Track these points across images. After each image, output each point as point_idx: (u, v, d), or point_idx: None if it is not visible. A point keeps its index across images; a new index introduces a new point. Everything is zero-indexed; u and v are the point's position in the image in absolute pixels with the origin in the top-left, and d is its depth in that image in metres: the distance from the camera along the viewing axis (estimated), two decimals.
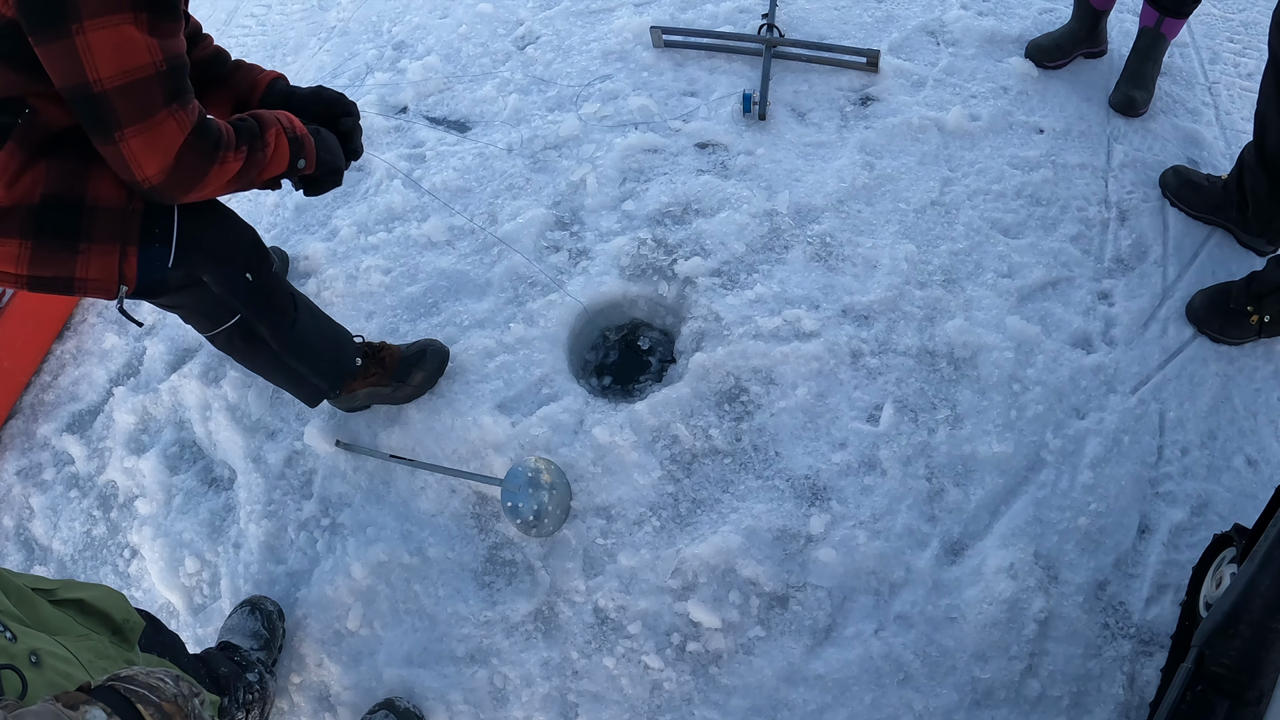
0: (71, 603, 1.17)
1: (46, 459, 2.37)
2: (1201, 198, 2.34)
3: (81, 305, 2.64)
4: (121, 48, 1.28)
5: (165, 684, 0.87)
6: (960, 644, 1.81)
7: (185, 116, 1.38)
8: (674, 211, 2.44)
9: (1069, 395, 2.09)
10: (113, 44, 1.27)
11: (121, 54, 1.28)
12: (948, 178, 2.46)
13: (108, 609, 1.20)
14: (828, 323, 2.20)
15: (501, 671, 1.87)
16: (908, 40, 2.80)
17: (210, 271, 1.66)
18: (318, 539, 2.07)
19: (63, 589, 1.18)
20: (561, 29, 2.97)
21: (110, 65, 1.28)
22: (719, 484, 2.02)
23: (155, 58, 1.32)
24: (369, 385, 2.09)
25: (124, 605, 1.24)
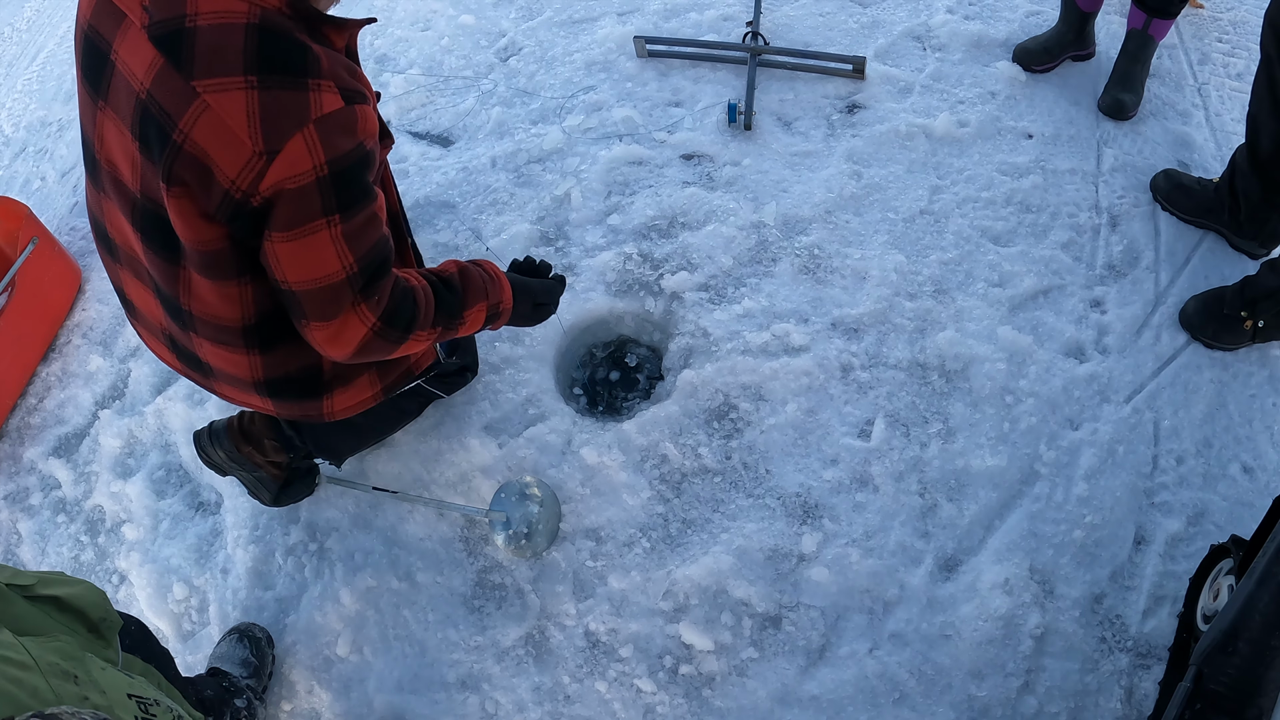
0: (48, 599, 1.15)
1: (33, 483, 2.35)
2: (1193, 201, 2.32)
3: (66, 327, 2.61)
4: (309, 258, 1.27)
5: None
6: (956, 662, 1.80)
7: (369, 312, 1.36)
8: (660, 225, 2.42)
9: (1062, 406, 2.07)
10: (300, 255, 1.26)
11: (309, 264, 1.28)
12: (936, 186, 2.44)
13: (84, 606, 1.19)
14: (817, 336, 2.18)
15: (493, 697, 1.85)
16: (894, 46, 2.78)
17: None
18: (306, 565, 2.05)
19: (40, 584, 1.16)
20: (544, 40, 2.94)
21: (297, 273, 1.28)
22: (709, 503, 2.00)
23: (346, 262, 1.29)
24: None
25: (103, 603, 1.22)
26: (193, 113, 1.17)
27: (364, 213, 1.30)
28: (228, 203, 1.22)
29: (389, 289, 1.38)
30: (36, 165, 3.09)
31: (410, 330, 1.44)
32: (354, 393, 1.67)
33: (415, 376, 1.80)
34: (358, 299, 1.33)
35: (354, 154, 1.24)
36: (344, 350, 1.39)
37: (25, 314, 2.45)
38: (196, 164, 1.20)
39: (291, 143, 1.17)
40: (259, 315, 1.44)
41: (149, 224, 1.35)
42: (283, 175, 1.18)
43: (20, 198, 2.83)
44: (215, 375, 1.59)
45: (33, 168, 3.09)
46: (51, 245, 2.58)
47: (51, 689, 0.89)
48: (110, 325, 2.58)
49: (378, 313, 1.37)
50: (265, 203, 1.21)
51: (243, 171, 1.18)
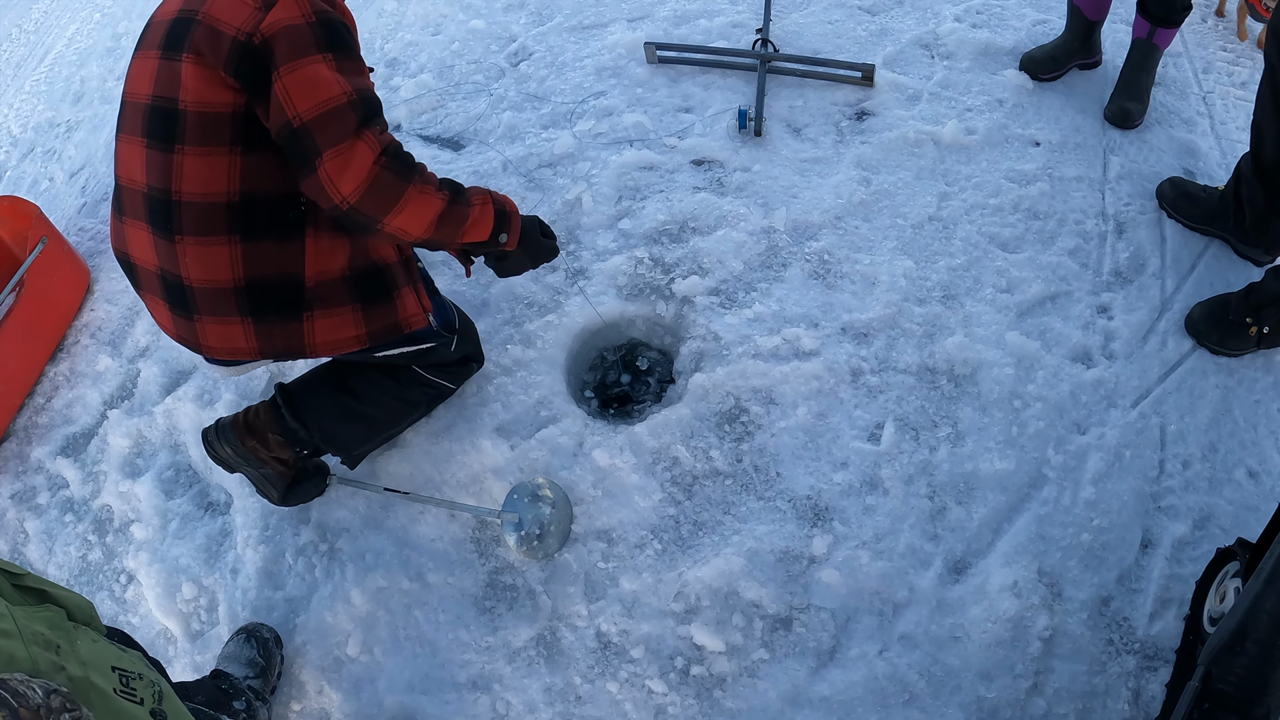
0: (34, 590, 1.15)
1: (41, 483, 2.35)
2: (1198, 209, 2.34)
3: (74, 326, 2.62)
4: (312, 84, 1.47)
5: (34, 694, 0.85)
6: (965, 663, 1.80)
7: (375, 138, 1.51)
8: (671, 230, 2.43)
9: (1070, 410, 2.08)
10: (304, 82, 1.46)
11: (314, 88, 1.47)
12: (945, 192, 2.46)
13: (69, 607, 1.18)
14: (827, 341, 2.19)
15: (504, 698, 1.85)
16: (902, 54, 2.80)
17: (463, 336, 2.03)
18: (316, 565, 2.05)
19: (30, 578, 1.16)
20: (555, 45, 2.96)
21: (305, 99, 1.46)
22: (720, 506, 2.01)
23: (344, 89, 1.49)
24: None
25: (88, 610, 1.22)
26: (210, 2, 1.51)
27: (352, 61, 1.53)
28: (234, 49, 1.47)
29: (389, 132, 1.56)
30: (45, 166, 3.10)
31: (414, 172, 1.56)
32: (337, 324, 1.69)
33: (404, 337, 1.81)
34: (362, 127, 1.49)
35: (334, 16, 1.53)
36: (355, 180, 1.48)
37: (34, 313, 2.46)
38: (210, 31, 1.49)
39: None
40: (244, 193, 1.56)
41: (155, 121, 1.56)
42: (277, 17, 1.47)
43: (29, 198, 2.84)
44: (198, 305, 1.62)
45: (41, 168, 3.10)
46: (60, 245, 2.59)
47: (30, 656, 0.90)
48: (119, 325, 2.59)
49: (383, 142, 1.51)
50: (265, 42, 1.46)
51: (246, 20, 1.48)
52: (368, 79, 1.57)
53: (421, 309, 1.82)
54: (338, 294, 1.68)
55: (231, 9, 1.49)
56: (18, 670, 0.87)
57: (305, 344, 1.68)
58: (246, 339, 1.65)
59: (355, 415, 1.92)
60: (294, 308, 1.65)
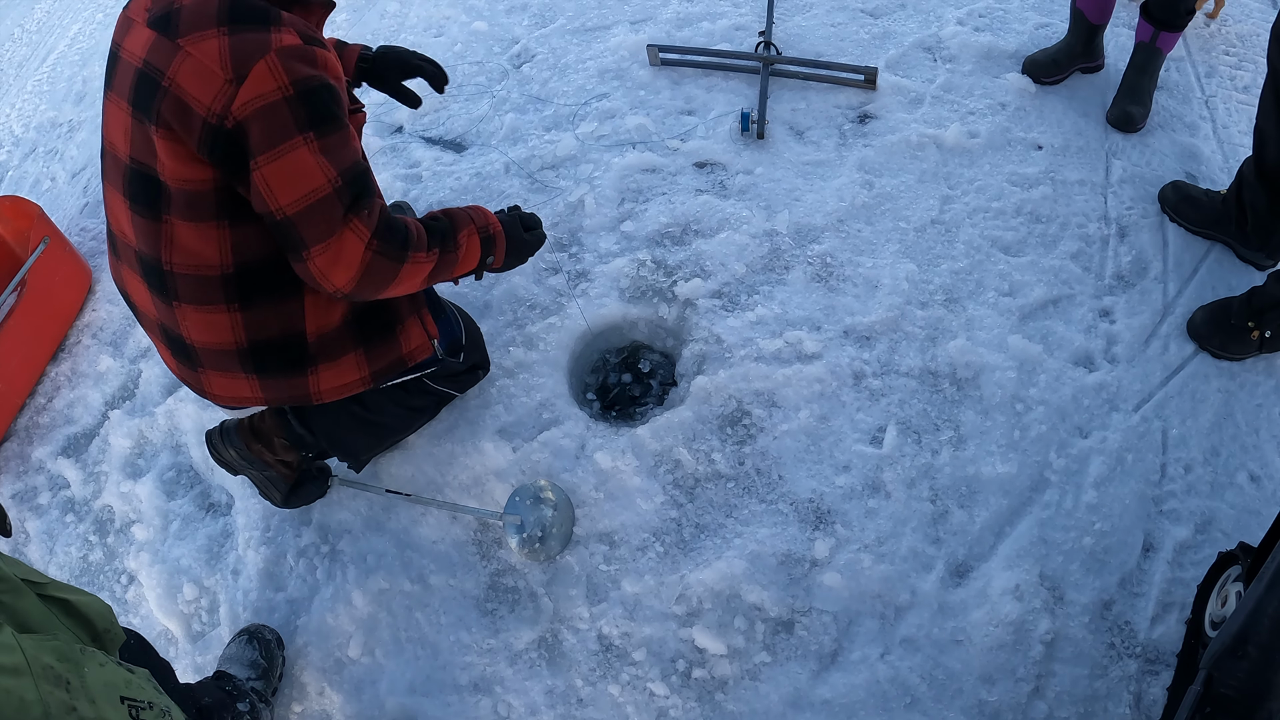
0: (58, 601, 1.16)
1: (42, 483, 2.35)
2: (1200, 213, 2.35)
3: (76, 327, 2.62)
4: (294, 175, 1.38)
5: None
6: (967, 667, 1.80)
7: (364, 225, 1.44)
8: (673, 232, 2.43)
9: (1072, 414, 2.08)
10: (285, 173, 1.38)
11: (296, 181, 1.39)
12: (947, 195, 2.46)
13: (91, 615, 1.19)
14: (829, 344, 2.19)
15: (506, 700, 1.85)
16: (905, 57, 2.80)
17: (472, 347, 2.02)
18: (317, 566, 2.05)
19: (52, 587, 1.17)
20: (557, 47, 2.96)
21: (287, 193, 1.39)
22: (722, 508, 2.01)
23: (329, 175, 1.41)
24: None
25: (108, 616, 1.23)
26: (177, 62, 1.37)
27: (337, 134, 1.42)
28: (207, 131, 1.36)
29: (378, 208, 1.48)
30: (47, 166, 3.10)
31: (407, 248, 1.51)
32: (341, 372, 1.68)
33: (408, 369, 1.81)
34: (349, 214, 1.43)
35: (316, 80, 1.39)
36: (347, 273, 1.45)
37: (36, 313, 2.46)
38: (178, 104, 1.36)
39: (256, 68, 1.34)
40: (237, 264, 1.51)
41: (136, 185, 1.48)
42: (251, 95, 1.34)
43: (31, 198, 2.84)
44: (201, 360, 1.62)
45: (43, 168, 3.10)
46: (62, 245, 2.59)
47: (41, 699, 0.89)
48: (120, 326, 2.59)
49: (371, 226, 1.45)
50: (238, 126, 1.35)
51: (216, 97, 1.35)
52: (354, 144, 1.47)
53: (426, 337, 1.81)
54: (340, 342, 1.67)
55: (200, 81, 1.35)
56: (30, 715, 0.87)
57: (311, 394, 1.68)
58: (252, 390, 1.66)
59: (362, 422, 1.91)
60: (298, 364, 1.64)
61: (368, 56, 2.01)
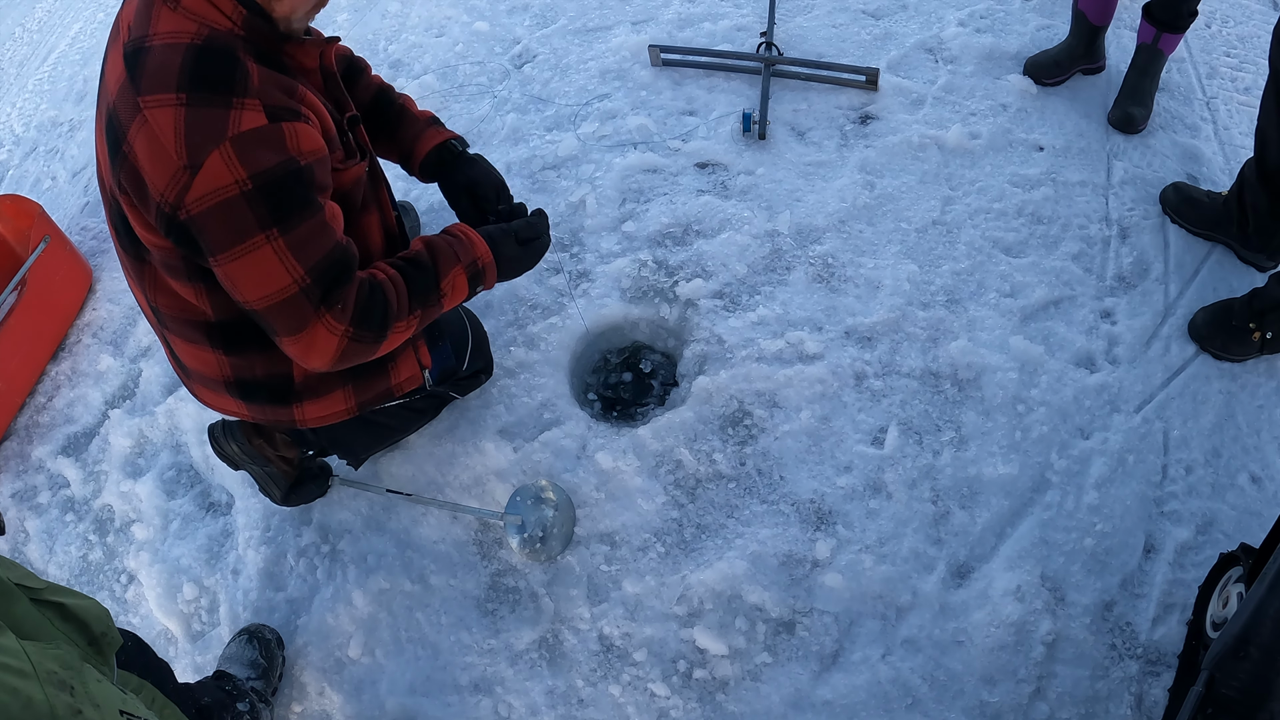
0: (53, 605, 1.15)
1: (42, 482, 2.34)
2: (1201, 214, 2.35)
3: (76, 326, 2.61)
4: (257, 276, 1.28)
5: None
6: (968, 667, 1.80)
7: (336, 321, 1.35)
8: (674, 232, 2.43)
9: (1073, 415, 2.08)
10: (247, 273, 1.27)
11: (259, 282, 1.28)
12: (949, 196, 2.46)
13: (87, 619, 1.19)
14: (831, 345, 2.19)
15: (506, 700, 1.85)
16: (906, 58, 2.80)
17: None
18: (318, 566, 2.05)
19: (48, 591, 1.16)
20: (559, 47, 2.96)
21: (251, 291, 1.29)
22: (723, 509, 2.00)
23: (296, 274, 1.29)
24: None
25: (105, 618, 1.23)
26: (136, 125, 1.23)
27: (306, 224, 1.28)
28: (160, 216, 1.25)
29: (353, 294, 1.37)
30: (48, 165, 3.10)
31: (386, 327, 1.43)
32: (327, 404, 1.66)
33: (396, 398, 1.80)
34: (320, 309, 1.33)
35: (281, 168, 1.24)
36: (323, 360, 1.39)
37: (36, 312, 2.46)
38: (136, 176, 1.25)
39: (210, 159, 1.20)
40: (219, 317, 1.46)
41: (119, 222, 1.40)
42: (204, 190, 1.21)
43: (32, 197, 2.83)
44: (191, 375, 1.62)
45: (44, 167, 3.10)
46: (63, 244, 2.59)
47: (47, 699, 0.89)
48: (121, 325, 2.59)
49: (345, 320, 1.36)
50: (191, 220, 1.23)
51: (169, 184, 1.22)
52: (326, 228, 1.32)
53: (418, 368, 1.76)
54: (327, 382, 1.63)
55: (155, 160, 1.21)
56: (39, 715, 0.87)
57: (296, 421, 1.66)
58: (239, 409, 1.66)
59: (363, 422, 1.90)
60: (283, 399, 1.62)
61: (449, 158, 1.85)
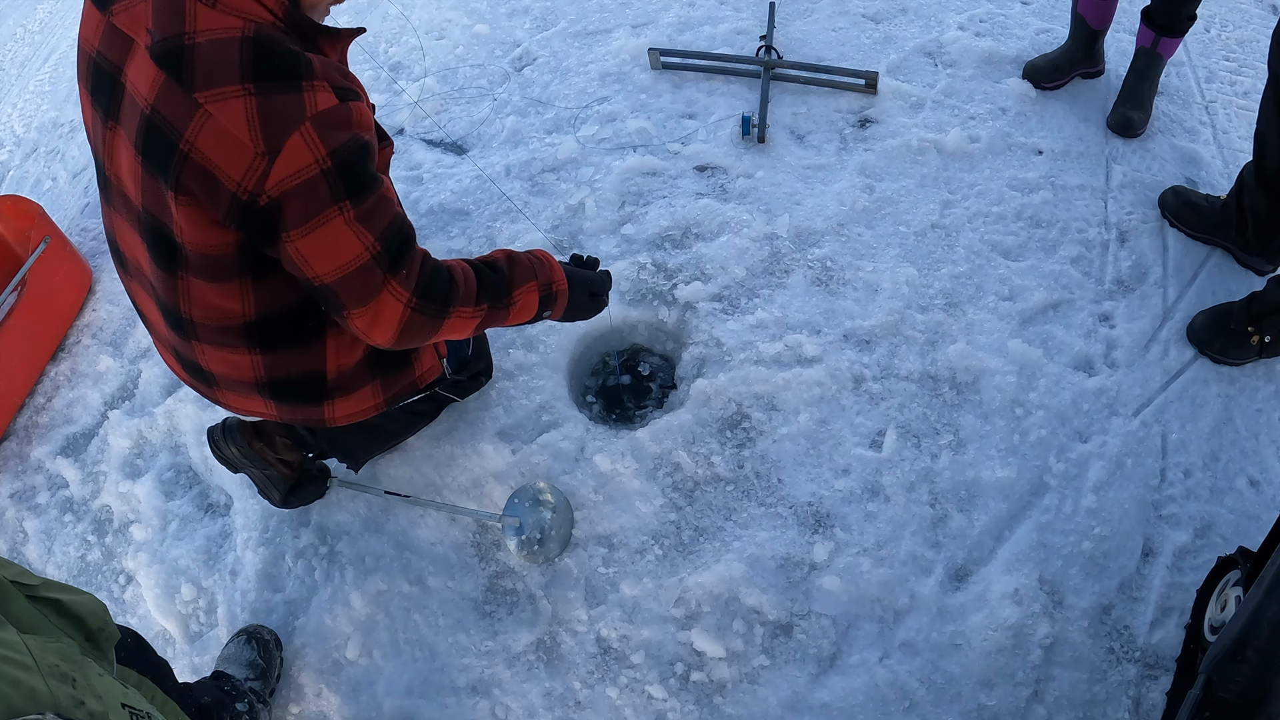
0: (49, 602, 1.15)
1: (41, 482, 2.34)
2: (1201, 218, 2.35)
3: (76, 326, 2.61)
4: (331, 247, 1.30)
5: None
6: (966, 671, 1.80)
7: (401, 286, 1.38)
8: (673, 235, 2.44)
9: (1071, 419, 2.08)
10: (322, 246, 1.29)
11: (333, 253, 1.31)
12: (948, 200, 2.46)
13: (84, 615, 1.19)
14: (829, 348, 2.20)
15: (504, 702, 1.85)
16: (906, 62, 2.81)
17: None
18: (316, 567, 2.05)
19: (44, 587, 1.16)
20: (559, 50, 2.97)
21: (324, 264, 1.31)
22: (722, 512, 2.00)
23: (367, 242, 1.32)
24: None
25: (102, 614, 1.22)
26: (196, 123, 1.22)
27: (373, 196, 1.32)
28: (236, 206, 1.26)
29: (418, 264, 1.41)
30: (48, 166, 3.10)
31: (449, 304, 1.45)
32: (356, 401, 1.68)
33: (420, 390, 1.81)
34: (387, 276, 1.36)
35: (352, 144, 1.28)
36: (387, 333, 1.41)
37: (36, 313, 2.46)
38: (203, 172, 1.24)
39: (291, 141, 1.22)
40: (259, 314, 1.46)
41: (150, 237, 1.39)
42: (286, 173, 1.23)
43: (32, 198, 2.84)
44: (219, 383, 1.60)
45: (44, 168, 3.10)
46: (63, 245, 2.59)
47: (50, 691, 0.89)
48: (120, 326, 2.59)
49: (410, 287, 1.39)
50: (272, 203, 1.25)
51: (247, 173, 1.22)
52: (389, 199, 1.37)
53: (437, 358, 1.80)
54: (359, 377, 1.65)
55: (228, 151, 1.22)
56: (42, 706, 0.87)
57: (325, 420, 1.67)
58: (268, 410, 1.65)
59: (363, 425, 1.89)
60: (315, 397, 1.62)
61: None
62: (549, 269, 1.65)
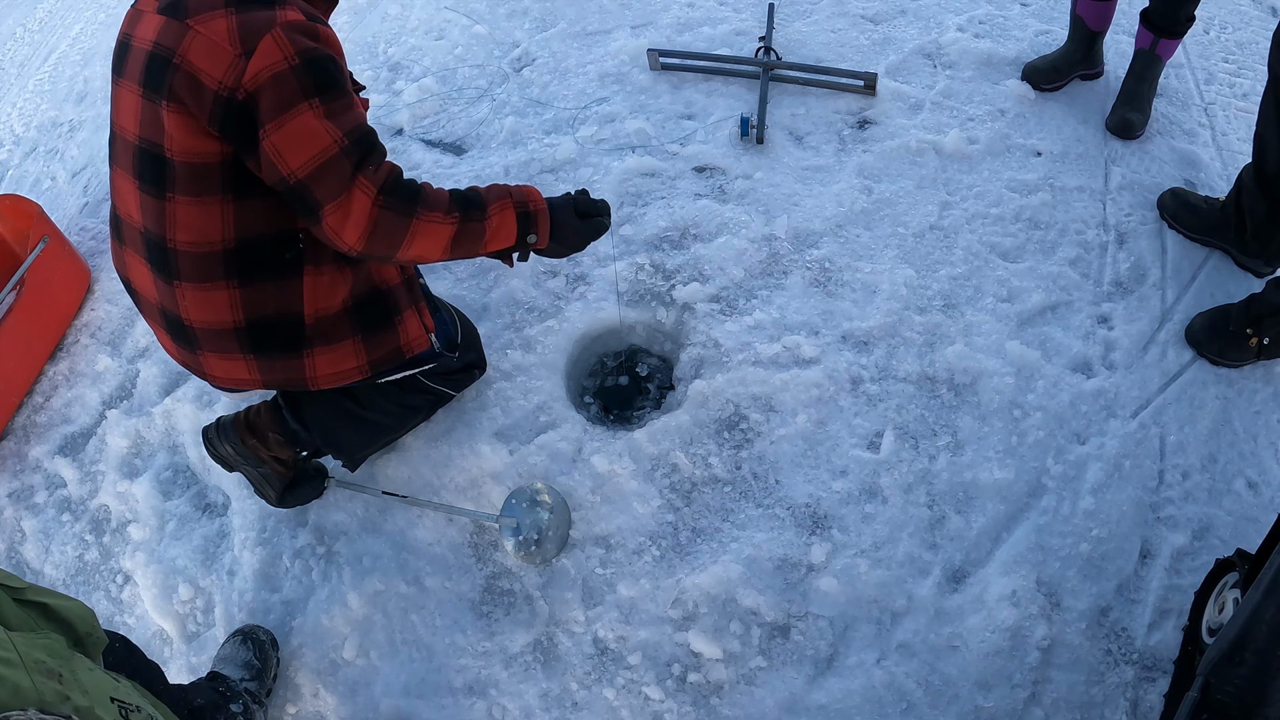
0: (36, 605, 1.15)
1: (39, 482, 2.34)
2: (1199, 219, 2.35)
3: (74, 326, 2.62)
4: (302, 138, 1.43)
5: None
6: (963, 672, 1.80)
7: (369, 181, 1.48)
8: (672, 236, 2.44)
9: (1069, 420, 2.08)
10: (293, 138, 1.43)
11: (304, 143, 1.43)
12: (946, 201, 2.46)
13: (72, 619, 1.19)
14: (827, 349, 2.19)
15: (500, 703, 1.85)
16: (905, 63, 2.81)
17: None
18: (313, 567, 2.04)
19: (31, 591, 1.16)
20: (558, 51, 2.97)
21: (296, 156, 1.44)
22: (719, 513, 2.00)
23: (335, 135, 1.45)
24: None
25: (90, 619, 1.22)
26: (187, 40, 1.44)
27: (341, 100, 1.47)
28: (218, 104, 1.42)
29: (386, 166, 1.52)
30: (47, 165, 3.10)
31: (417, 203, 1.52)
32: (338, 357, 1.70)
33: (406, 361, 1.82)
34: (355, 170, 1.46)
35: (319, 50, 1.46)
36: (356, 229, 1.48)
37: (34, 312, 2.46)
38: (190, 79, 1.43)
39: (263, 42, 1.41)
40: (239, 238, 1.55)
41: (144, 164, 1.53)
42: (259, 66, 1.40)
43: (31, 197, 2.84)
44: (200, 341, 1.64)
45: (43, 167, 3.10)
46: (62, 244, 2.59)
47: (35, 687, 0.89)
48: (119, 326, 2.59)
49: (378, 183, 1.48)
50: (249, 97, 1.41)
51: (227, 71, 1.41)
52: (358, 109, 1.52)
53: (424, 330, 1.82)
54: (338, 328, 1.69)
55: (211, 56, 1.42)
56: (26, 702, 0.87)
57: (307, 378, 1.70)
58: (249, 372, 1.68)
59: (357, 419, 1.92)
60: (294, 345, 1.66)
61: None
62: (525, 190, 1.70)
